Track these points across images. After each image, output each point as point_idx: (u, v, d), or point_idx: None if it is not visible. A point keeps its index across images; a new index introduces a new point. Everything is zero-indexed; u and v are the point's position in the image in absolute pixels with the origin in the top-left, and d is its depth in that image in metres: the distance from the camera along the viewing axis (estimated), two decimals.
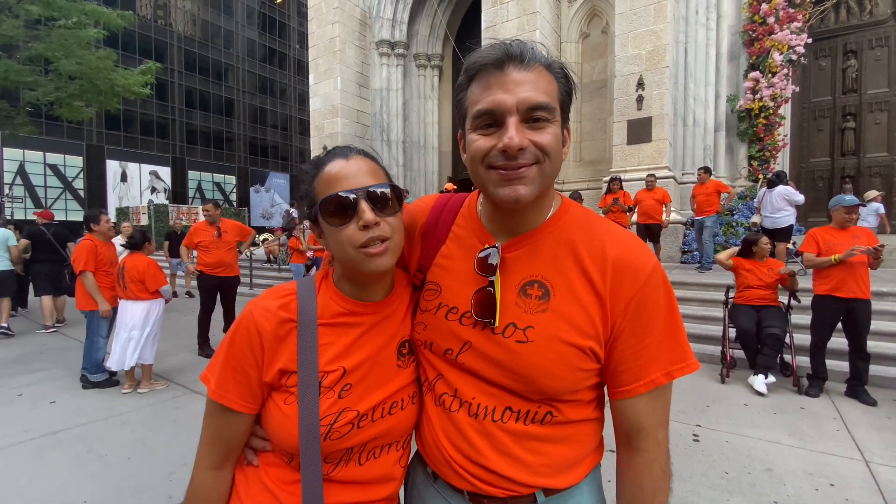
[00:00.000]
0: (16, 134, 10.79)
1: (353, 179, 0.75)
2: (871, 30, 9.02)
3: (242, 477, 0.83)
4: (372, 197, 0.74)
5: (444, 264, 0.84)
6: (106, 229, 4.40)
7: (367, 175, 0.76)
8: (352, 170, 0.76)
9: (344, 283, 0.82)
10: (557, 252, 0.76)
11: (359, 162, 0.78)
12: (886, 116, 8.87)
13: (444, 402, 0.80)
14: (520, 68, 0.68)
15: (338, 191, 0.74)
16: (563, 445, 0.77)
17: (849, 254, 3.65)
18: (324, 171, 0.77)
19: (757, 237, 4.46)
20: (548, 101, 0.68)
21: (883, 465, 2.75)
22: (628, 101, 8.36)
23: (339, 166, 0.77)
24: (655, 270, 0.73)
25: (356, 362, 0.79)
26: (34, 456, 2.92)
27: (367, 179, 0.76)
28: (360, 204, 0.73)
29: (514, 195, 0.69)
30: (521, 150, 0.67)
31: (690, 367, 0.74)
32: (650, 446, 0.76)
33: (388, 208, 0.76)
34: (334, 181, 0.75)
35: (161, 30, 32.07)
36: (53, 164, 27.99)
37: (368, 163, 0.79)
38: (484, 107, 0.69)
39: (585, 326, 0.72)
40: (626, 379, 0.74)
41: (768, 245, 4.47)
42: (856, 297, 3.75)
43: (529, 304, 0.74)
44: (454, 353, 0.78)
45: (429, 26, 13.84)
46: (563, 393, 0.74)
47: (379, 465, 0.83)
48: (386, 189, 0.76)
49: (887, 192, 8.85)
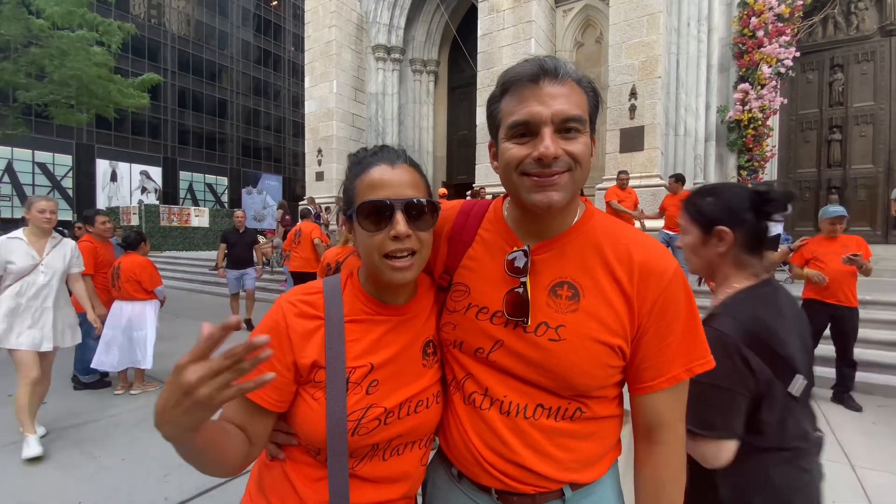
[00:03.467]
0: (8, 134, 10.63)
1: (395, 189, 0.77)
2: (857, 44, 9.24)
3: (269, 478, 0.84)
4: (409, 209, 0.76)
5: (471, 266, 0.86)
6: (102, 230, 4.35)
7: (409, 186, 0.79)
8: (395, 178, 0.78)
9: (369, 284, 0.85)
10: (585, 255, 0.80)
11: (403, 171, 0.80)
12: (872, 129, 9.07)
13: (473, 400, 0.82)
14: (554, 82, 0.72)
15: (378, 197, 0.76)
16: (590, 441, 0.81)
17: (820, 280, 3.78)
18: (367, 174, 0.79)
19: None
20: (580, 113, 0.73)
21: (869, 470, 2.81)
22: (621, 110, 8.48)
23: (384, 172, 0.79)
24: (677, 273, 0.78)
25: (383, 359, 0.81)
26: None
27: (408, 191, 0.78)
28: (396, 215, 0.75)
29: (547, 201, 0.73)
30: (556, 159, 0.71)
31: (709, 363, 0.79)
32: (671, 439, 0.80)
33: (422, 222, 0.78)
34: (376, 187, 0.77)
35: (155, 29, 31.87)
36: (42, 163, 27.60)
37: (412, 174, 0.81)
38: (520, 118, 0.73)
39: (614, 325, 0.76)
40: (648, 375, 0.78)
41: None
42: (841, 304, 3.82)
43: (560, 304, 0.78)
44: (485, 352, 0.81)
45: (425, 32, 13.92)
46: (592, 389, 0.78)
47: (402, 463, 0.84)
48: (424, 203, 0.78)
49: (872, 203, 9.05)
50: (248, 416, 0.77)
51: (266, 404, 0.77)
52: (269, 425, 0.80)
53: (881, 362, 4.37)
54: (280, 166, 41.09)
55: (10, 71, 9.34)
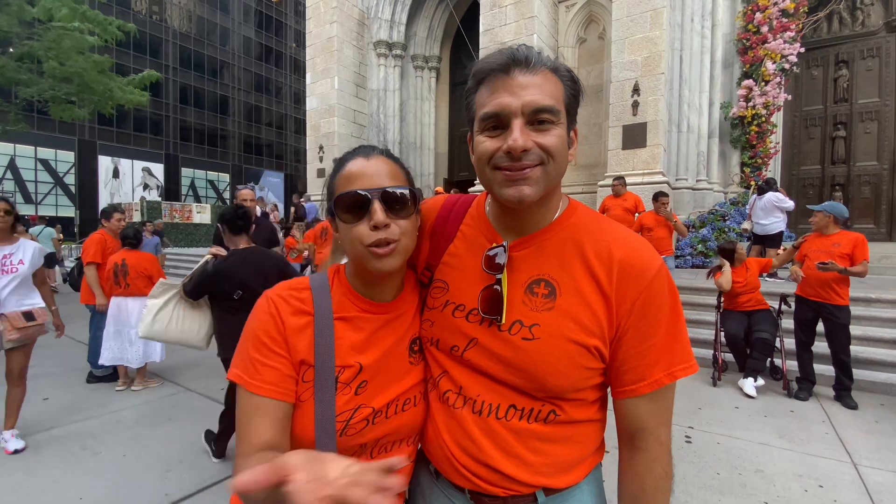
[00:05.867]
0: (7, 129, 10.66)
1: (371, 179, 0.75)
2: (862, 40, 9.16)
3: None
4: (386, 198, 0.74)
5: (451, 262, 0.84)
6: (115, 226, 4.44)
7: (386, 176, 0.77)
8: (371, 169, 0.77)
9: (356, 280, 0.83)
10: (564, 252, 0.77)
11: (379, 162, 0.78)
12: (877, 126, 9.01)
13: (447, 398, 0.80)
14: (525, 72, 0.69)
15: (354, 189, 0.75)
16: (565, 445, 0.78)
17: (797, 276, 3.97)
18: (345, 168, 0.78)
19: (732, 245, 4.54)
20: (552, 103, 0.69)
21: (871, 468, 2.80)
22: (624, 107, 8.44)
23: (359, 165, 0.77)
24: (661, 271, 0.74)
25: (372, 358, 0.79)
26: (28, 453, 2.89)
27: (385, 180, 0.76)
28: (374, 204, 0.73)
29: (518, 195, 0.70)
30: (526, 152, 0.68)
31: (692, 367, 0.76)
32: (652, 446, 0.77)
33: (401, 211, 0.76)
34: (353, 178, 0.76)
35: (156, 26, 31.84)
36: (44, 159, 27.67)
37: (389, 164, 0.79)
38: (490, 110, 0.70)
39: (591, 325, 0.73)
40: (629, 379, 0.75)
41: (743, 250, 4.60)
42: (824, 301, 3.83)
43: (535, 303, 0.75)
44: (460, 350, 0.79)
45: (427, 28, 13.87)
46: (567, 391, 0.75)
47: None
48: (403, 191, 0.76)
49: (876, 200, 9.00)
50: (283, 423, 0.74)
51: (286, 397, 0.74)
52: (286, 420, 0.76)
53: (884, 360, 4.35)
54: (282, 163, 41.10)
55: (11, 67, 9.36)
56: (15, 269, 2.92)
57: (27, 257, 2.98)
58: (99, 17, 9.84)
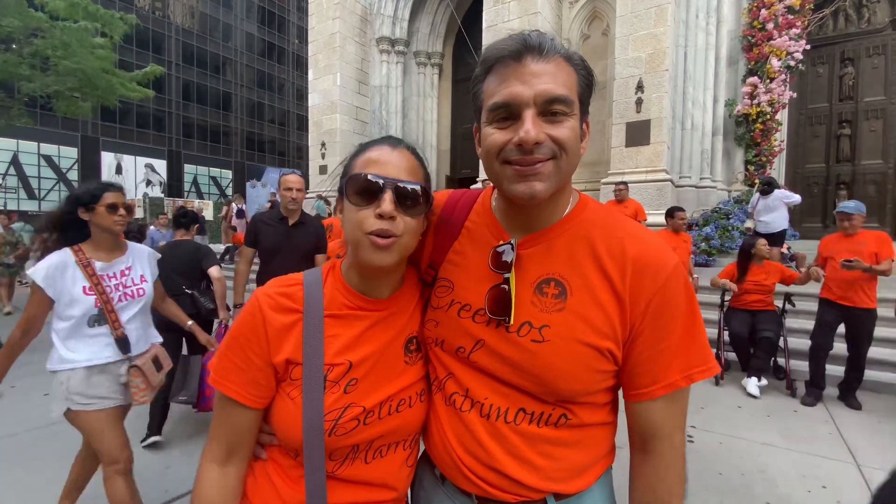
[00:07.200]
0: (12, 124, 10.69)
1: (389, 168, 0.73)
2: (868, 38, 9.07)
3: (252, 478, 0.81)
4: (399, 191, 0.72)
5: (456, 260, 0.82)
6: None
7: (404, 170, 0.75)
8: (392, 159, 0.75)
9: (352, 273, 0.80)
10: (575, 250, 0.73)
11: (402, 155, 0.76)
12: (882, 124, 8.93)
13: (454, 401, 0.78)
14: (538, 59, 0.66)
15: (371, 172, 0.72)
16: (576, 450, 0.75)
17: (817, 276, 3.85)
18: (367, 152, 0.77)
19: (753, 240, 4.44)
20: (566, 93, 0.66)
21: (875, 469, 2.78)
22: (627, 104, 8.38)
23: (382, 152, 0.75)
24: (676, 270, 0.70)
25: (362, 356, 0.77)
26: (28, 448, 2.90)
27: (402, 174, 0.74)
28: (385, 193, 0.71)
29: (529, 191, 0.67)
30: (538, 145, 0.65)
31: (711, 370, 0.72)
32: (666, 451, 0.74)
33: (411, 208, 0.74)
34: (371, 163, 0.74)
35: (159, 22, 31.82)
36: (48, 155, 27.71)
37: (412, 160, 0.77)
38: (500, 99, 0.67)
39: (603, 327, 0.70)
40: (643, 381, 0.71)
41: (766, 245, 4.43)
42: (854, 306, 3.70)
43: (545, 303, 0.72)
44: (466, 352, 0.76)
45: (429, 24, 13.81)
46: (578, 395, 0.72)
47: (386, 465, 0.81)
48: (416, 187, 0.74)
49: (881, 199, 8.93)
50: (223, 410, 0.77)
51: (245, 400, 0.75)
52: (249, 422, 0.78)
53: (889, 360, 4.32)
54: (284, 160, 41.06)
55: (14, 62, 9.35)
56: (142, 292, 2.01)
57: (146, 269, 2.07)
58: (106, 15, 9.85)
